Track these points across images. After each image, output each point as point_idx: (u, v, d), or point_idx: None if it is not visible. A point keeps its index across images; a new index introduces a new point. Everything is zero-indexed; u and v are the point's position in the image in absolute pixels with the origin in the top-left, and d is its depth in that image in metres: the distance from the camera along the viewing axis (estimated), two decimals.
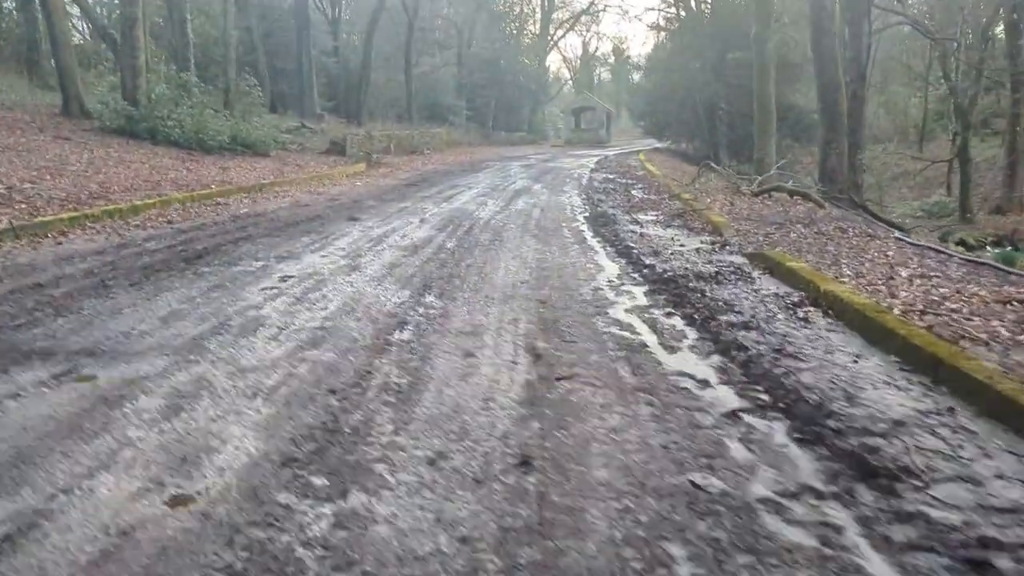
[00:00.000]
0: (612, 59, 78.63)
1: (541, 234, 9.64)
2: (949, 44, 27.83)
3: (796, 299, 5.87)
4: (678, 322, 5.33)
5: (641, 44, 77.76)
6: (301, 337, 4.83)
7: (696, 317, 5.39)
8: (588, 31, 68.05)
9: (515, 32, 57.44)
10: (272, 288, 6.25)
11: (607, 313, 5.58)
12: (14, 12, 28.87)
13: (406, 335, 4.92)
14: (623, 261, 7.85)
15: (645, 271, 7.23)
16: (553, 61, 67.24)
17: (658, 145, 40.82)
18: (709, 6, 35.94)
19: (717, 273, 6.98)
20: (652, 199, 13.92)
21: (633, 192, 15.50)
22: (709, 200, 12.46)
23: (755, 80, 22.64)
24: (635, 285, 6.63)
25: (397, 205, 12.79)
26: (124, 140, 18.82)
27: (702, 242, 8.93)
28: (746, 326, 5.12)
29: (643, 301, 5.99)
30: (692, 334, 5.02)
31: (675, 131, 36.15)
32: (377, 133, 29.36)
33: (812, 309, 5.52)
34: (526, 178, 19.45)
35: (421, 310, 5.59)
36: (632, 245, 8.77)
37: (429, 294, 6.12)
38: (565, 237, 9.42)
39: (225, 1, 24.85)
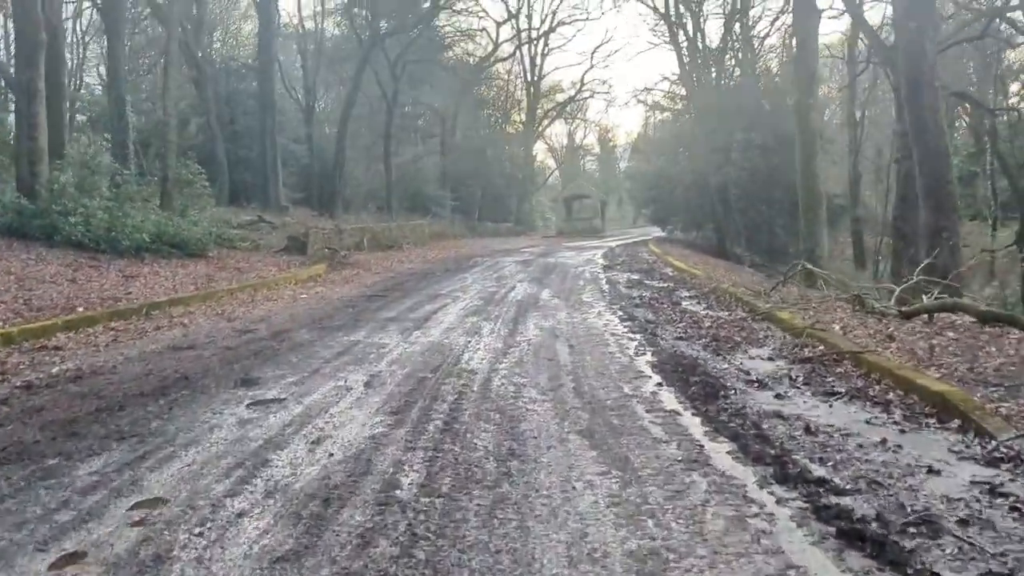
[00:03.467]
0: (597, 148, 75.76)
1: (597, 424, 4.80)
2: (996, 116, 23.93)
3: None
4: None
5: (631, 131, 75.34)
6: None
7: None
8: (574, 120, 65.08)
9: (500, 120, 54.06)
10: None
11: None
12: None
13: None
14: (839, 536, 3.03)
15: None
16: (539, 150, 63.98)
17: (660, 234, 36.64)
18: (714, 82, 32.30)
19: None
20: (726, 318, 9.17)
21: (686, 304, 10.77)
22: (838, 326, 7.70)
23: (798, 157, 18.38)
24: None
25: (341, 340, 7.95)
26: (8, 241, 14.14)
27: (955, 448, 4.12)
28: None
29: None
30: None
31: (683, 218, 31.98)
32: (348, 226, 24.79)
33: None
34: (527, 280, 14.74)
35: None
36: (812, 464, 3.93)
37: None
38: (650, 434, 4.56)
39: (164, 75, 20.56)
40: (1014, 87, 35.78)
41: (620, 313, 9.95)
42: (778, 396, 5.37)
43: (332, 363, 6.77)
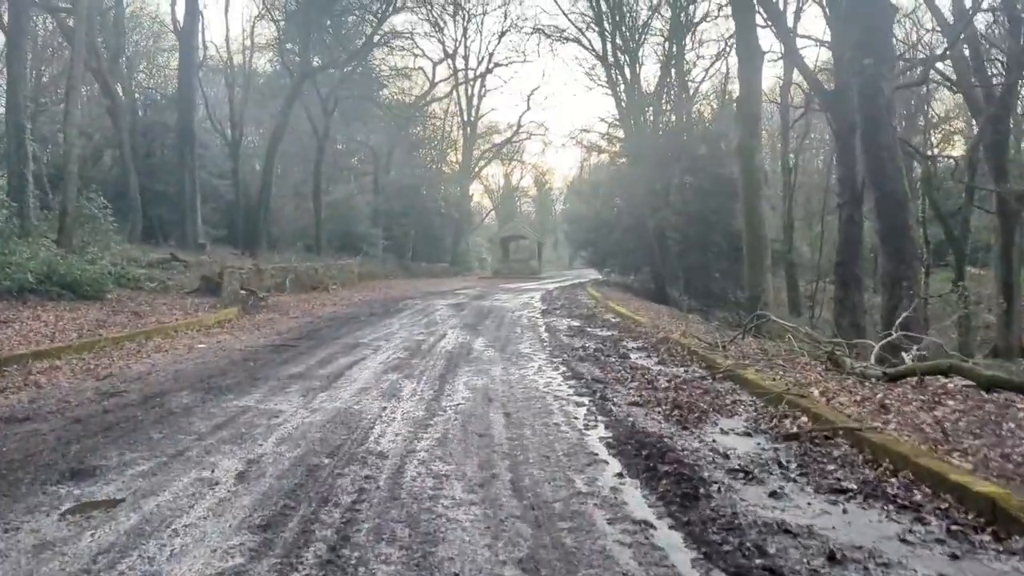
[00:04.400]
0: (534, 190, 75.32)
1: (543, 548, 3.48)
2: (934, 165, 23.86)
3: None
4: None
5: (568, 174, 75.43)
6: None
7: None
8: (511, 161, 64.48)
9: (436, 159, 52.96)
10: None
11: None
12: None
13: None
14: None
15: None
16: (475, 190, 63.08)
17: (597, 276, 35.76)
18: (651, 125, 31.87)
19: None
20: (684, 377, 7.99)
21: (635, 358, 9.57)
22: (817, 391, 6.54)
23: (742, 200, 17.68)
24: None
25: (227, 406, 6.44)
26: None
27: None
28: None
29: None
30: None
31: (620, 261, 31.15)
32: (269, 266, 23.05)
33: None
34: (460, 327, 13.39)
35: None
36: None
37: None
38: (618, 567, 3.24)
39: (66, 99, 18.73)
40: (934, 137, 36.57)
41: (563, 369, 8.67)
42: (774, 495, 4.13)
43: (204, 441, 5.27)
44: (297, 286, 22.88)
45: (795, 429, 5.53)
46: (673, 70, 34.63)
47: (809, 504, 4.00)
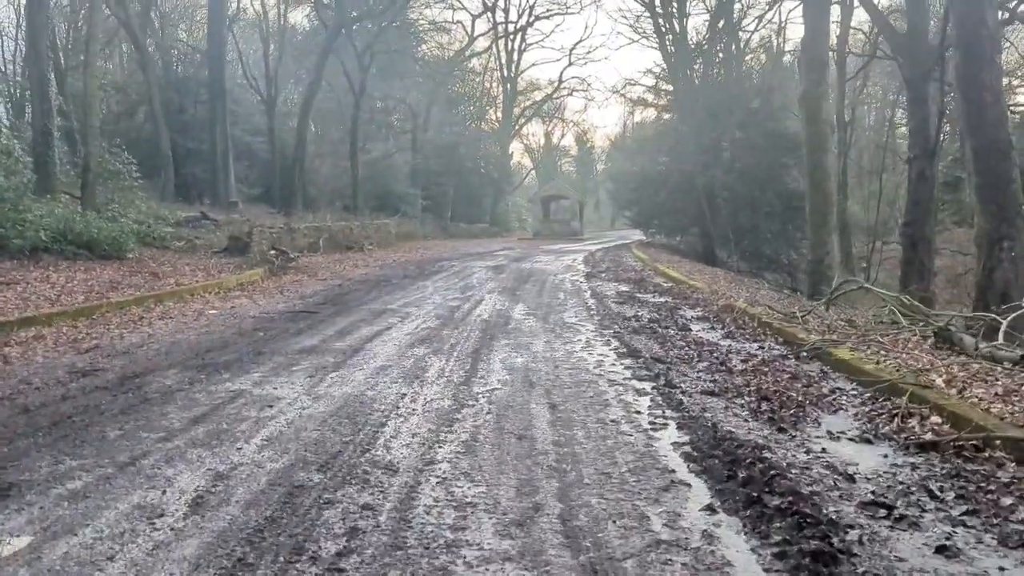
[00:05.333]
0: (575, 149, 73.15)
1: None
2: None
3: None
4: None
5: (610, 132, 73.30)
6: None
7: None
8: (552, 119, 62.54)
9: (475, 117, 51.34)
10: None
11: None
12: None
13: None
14: None
15: None
16: (515, 150, 61.42)
17: (640, 237, 34.13)
18: (700, 78, 29.89)
19: None
20: (761, 356, 6.64)
21: (697, 330, 8.23)
22: (939, 378, 5.16)
23: (806, 154, 16.03)
24: None
25: (216, 390, 5.30)
26: None
27: None
28: None
29: None
30: None
31: (667, 222, 29.50)
32: (301, 225, 22.03)
33: None
34: (498, 292, 12.16)
35: None
36: None
37: None
38: None
39: (86, 48, 17.70)
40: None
41: (615, 343, 7.37)
42: (944, 551, 2.81)
43: (171, 443, 4.13)
44: (331, 246, 21.84)
45: (929, 435, 4.18)
46: (723, 20, 32.44)
47: (1003, 572, 2.68)
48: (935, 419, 4.42)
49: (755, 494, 3.28)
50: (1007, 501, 3.25)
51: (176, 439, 4.21)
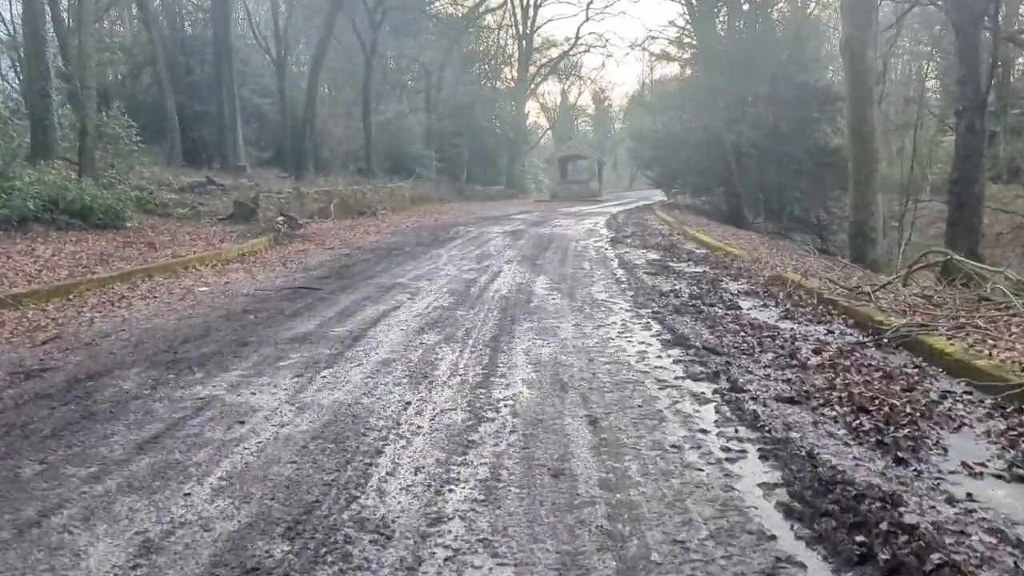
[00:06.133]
0: (592, 108, 71.02)
1: None
2: None
3: None
4: None
5: (628, 90, 71.18)
6: None
7: None
8: (568, 77, 60.51)
9: (490, 76, 49.63)
10: None
11: None
12: None
13: None
14: None
15: None
16: (531, 109, 59.64)
17: (663, 198, 32.68)
18: (726, 29, 28.20)
19: None
20: (835, 345, 5.53)
21: (747, 307, 7.11)
22: None
23: (848, 106, 14.70)
24: None
25: (178, 397, 4.28)
26: None
27: None
28: None
29: None
30: None
31: (691, 181, 28.06)
32: (312, 190, 20.95)
33: None
34: (517, 261, 11.07)
35: None
36: None
37: None
38: None
39: (79, 8, 16.53)
40: None
41: (656, 327, 6.27)
42: None
43: (101, 484, 3.12)
44: (343, 211, 20.77)
45: None
46: None
47: None
48: None
49: None
50: None
51: (109, 478, 3.20)
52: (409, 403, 4.26)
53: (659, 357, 5.29)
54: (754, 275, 9.07)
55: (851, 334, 5.88)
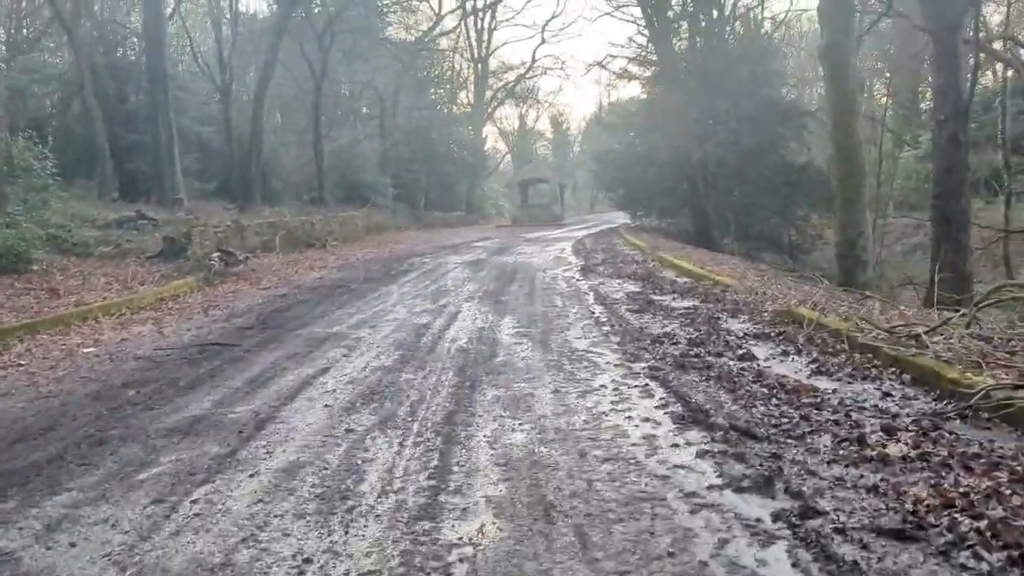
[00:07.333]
0: (550, 132, 70.12)
1: None
2: None
3: None
4: None
5: (586, 113, 70.55)
6: None
7: None
8: (526, 101, 59.48)
9: (446, 100, 48.32)
10: None
11: None
12: None
13: None
14: None
15: None
16: (489, 134, 58.43)
17: (626, 221, 31.48)
18: (686, 48, 27.22)
19: None
20: (901, 414, 4.06)
21: (764, 358, 5.66)
22: None
23: (831, 117, 13.55)
24: None
25: None
26: None
27: None
28: None
29: None
30: None
31: (658, 202, 26.84)
32: (254, 222, 19.22)
33: None
34: (478, 300, 9.52)
35: None
36: None
37: None
38: None
39: None
40: None
41: (660, 392, 4.77)
42: None
43: None
44: (289, 244, 19.03)
45: None
46: None
47: None
48: None
49: None
50: None
51: None
52: (309, 560, 2.67)
53: (675, 447, 3.77)
54: (755, 310, 7.65)
55: (917, 398, 4.44)
